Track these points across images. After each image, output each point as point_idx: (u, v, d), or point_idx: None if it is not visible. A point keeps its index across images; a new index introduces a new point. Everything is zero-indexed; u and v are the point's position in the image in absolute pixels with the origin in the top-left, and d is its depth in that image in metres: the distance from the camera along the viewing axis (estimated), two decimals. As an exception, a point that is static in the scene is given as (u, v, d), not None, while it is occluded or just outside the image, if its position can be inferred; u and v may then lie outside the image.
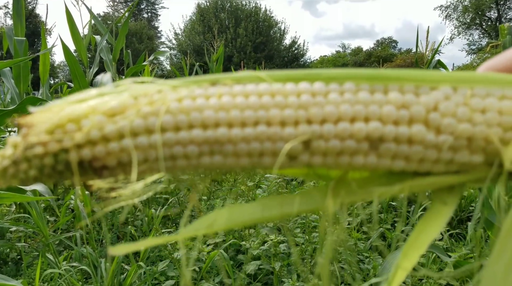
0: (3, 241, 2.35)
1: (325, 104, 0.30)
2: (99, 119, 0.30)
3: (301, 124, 0.30)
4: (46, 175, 0.30)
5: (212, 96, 0.31)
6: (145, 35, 31.08)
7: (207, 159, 0.31)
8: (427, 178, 0.32)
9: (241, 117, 0.30)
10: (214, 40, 6.78)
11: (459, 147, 0.30)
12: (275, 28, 30.50)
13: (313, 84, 0.31)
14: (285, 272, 1.89)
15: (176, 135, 0.30)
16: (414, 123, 0.30)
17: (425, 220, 0.33)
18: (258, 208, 0.34)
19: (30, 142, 0.29)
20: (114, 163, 0.30)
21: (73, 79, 2.94)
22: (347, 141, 0.30)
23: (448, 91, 0.31)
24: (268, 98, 0.31)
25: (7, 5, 26.84)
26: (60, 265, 1.87)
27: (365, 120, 0.30)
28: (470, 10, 31.38)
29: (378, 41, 38.81)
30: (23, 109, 1.88)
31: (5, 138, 4.02)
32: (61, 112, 0.30)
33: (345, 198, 0.32)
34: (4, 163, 0.30)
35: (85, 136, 0.29)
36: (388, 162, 0.31)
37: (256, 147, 0.30)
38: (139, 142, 0.29)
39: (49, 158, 0.29)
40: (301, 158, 0.31)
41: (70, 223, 2.68)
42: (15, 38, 2.87)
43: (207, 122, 0.30)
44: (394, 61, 20.77)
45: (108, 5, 28.67)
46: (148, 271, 1.84)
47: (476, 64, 21.09)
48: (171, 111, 0.30)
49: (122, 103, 0.30)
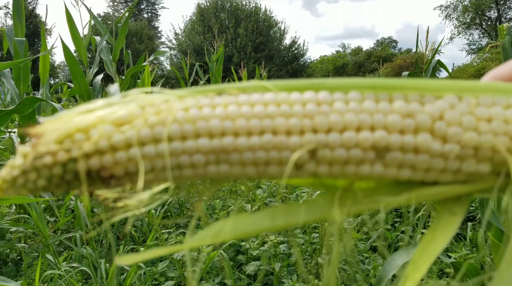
0: (3, 241, 2.35)
1: (330, 113, 0.30)
2: (107, 129, 0.30)
3: (307, 133, 0.30)
4: (55, 185, 0.30)
5: (218, 105, 0.31)
6: (145, 35, 31.08)
7: (213, 168, 0.31)
8: (434, 188, 0.32)
9: (247, 126, 0.30)
10: (214, 40, 6.78)
11: (465, 156, 0.30)
12: (275, 28, 30.49)
13: (318, 93, 0.32)
14: (285, 273, 1.89)
15: (182, 145, 0.30)
16: (419, 132, 0.30)
17: (433, 230, 0.33)
18: (264, 217, 0.34)
19: (39, 152, 0.30)
20: (121, 172, 0.30)
21: (73, 80, 2.94)
22: (353, 150, 0.30)
23: (453, 100, 0.30)
24: (273, 108, 0.31)
25: (7, 5, 26.85)
26: (60, 265, 1.87)
27: (371, 129, 0.30)
28: (470, 10, 31.37)
29: (378, 41, 38.80)
30: (23, 109, 1.88)
31: (5, 139, 4.02)
32: (70, 122, 0.30)
33: (351, 207, 0.32)
34: (14, 173, 0.30)
35: (94, 146, 0.29)
36: (394, 171, 0.31)
37: (262, 156, 0.30)
38: (146, 151, 0.30)
39: (57, 168, 0.30)
40: (307, 167, 0.31)
41: (70, 223, 2.68)
42: (15, 39, 2.87)
43: (213, 131, 0.30)
44: (394, 61, 20.76)
45: (108, 5, 28.66)
46: (148, 272, 1.84)
47: (476, 63, 21.10)
48: (178, 120, 0.30)
49: (130, 113, 0.31)
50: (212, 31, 23.46)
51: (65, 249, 2.38)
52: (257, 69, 7.17)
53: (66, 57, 2.83)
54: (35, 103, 1.93)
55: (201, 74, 6.72)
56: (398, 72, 15.22)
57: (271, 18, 30.18)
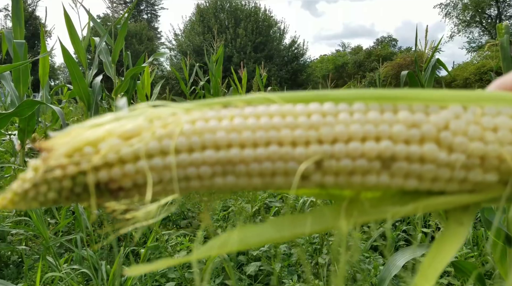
0: (4, 244, 2.35)
1: (336, 124, 0.31)
2: (116, 142, 0.31)
3: (312, 144, 0.30)
4: (64, 197, 0.31)
5: (224, 118, 0.32)
6: (145, 36, 31.10)
7: (220, 179, 0.31)
8: (441, 197, 0.32)
9: (253, 138, 0.31)
10: (214, 41, 6.78)
11: (472, 165, 0.30)
12: (274, 28, 30.49)
13: (323, 104, 0.32)
14: (285, 273, 1.89)
15: (189, 157, 0.31)
16: (425, 142, 0.30)
17: (442, 240, 0.33)
18: (269, 229, 0.34)
19: (49, 165, 0.30)
20: (129, 184, 0.31)
21: (72, 81, 2.94)
22: (359, 160, 0.30)
23: (458, 110, 0.31)
24: (279, 119, 0.31)
25: (7, 7, 26.88)
26: (60, 267, 1.87)
27: (376, 140, 0.30)
28: (470, 8, 31.34)
29: (378, 39, 38.75)
30: (22, 112, 1.88)
31: (5, 141, 4.03)
32: (79, 136, 0.31)
33: (358, 218, 0.33)
34: (25, 186, 0.31)
35: (102, 159, 0.30)
36: (400, 181, 0.31)
37: (268, 167, 0.31)
38: (154, 164, 0.30)
39: (67, 181, 0.30)
40: (313, 178, 0.31)
41: (70, 225, 2.68)
42: (14, 41, 2.87)
43: (219, 143, 0.31)
44: (394, 60, 20.74)
45: (108, 6, 28.68)
46: (148, 273, 1.84)
47: (477, 61, 21.07)
48: (185, 133, 0.31)
49: (137, 126, 0.31)
50: (212, 32, 23.47)
51: (66, 251, 2.39)
52: (257, 69, 7.16)
53: (65, 59, 2.84)
54: (34, 106, 1.93)
55: (201, 75, 6.73)
56: (398, 71, 15.18)
57: (270, 18, 30.18)
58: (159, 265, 0.33)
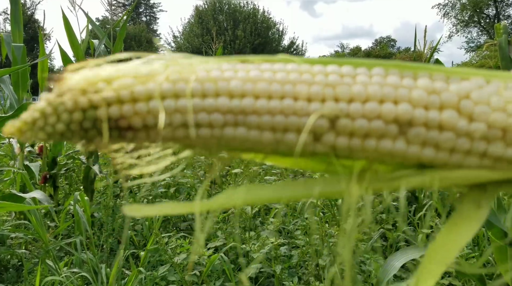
0: (3, 247, 2.35)
1: (353, 85, 0.30)
2: (130, 81, 0.31)
3: (328, 101, 0.29)
4: (72, 131, 0.31)
5: (240, 70, 0.32)
6: (144, 39, 31.13)
7: (231, 130, 0.31)
8: (459, 171, 0.30)
9: (267, 90, 0.30)
10: (213, 43, 6.79)
11: (493, 137, 0.28)
12: (273, 29, 30.52)
13: (341, 67, 0.31)
14: (286, 275, 1.88)
15: (202, 102, 0.30)
16: (445, 109, 0.29)
17: (454, 223, 0.31)
18: (278, 187, 0.33)
19: (61, 96, 0.30)
20: (139, 124, 0.31)
21: (71, 85, 2.93)
22: (375, 121, 0.29)
23: (481, 82, 0.29)
24: (296, 75, 0.31)
25: (6, 11, 26.91)
26: (60, 271, 1.87)
27: (394, 103, 0.29)
28: (468, 8, 31.39)
29: (377, 40, 38.83)
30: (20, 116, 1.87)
31: (4, 145, 4.02)
32: (94, 73, 0.31)
33: (370, 184, 0.31)
34: (35, 115, 0.30)
35: (115, 94, 0.30)
36: (417, 149, 0.29)
37: (280, 121, 0.30)
38: (166, 105, 0.30)
39: (78, 113, 0.30)
40: (326, 138, 0.30)
41: (70, 228, 2.67)
42: (13, 45, 2.87)
43: (233, 92, 0.30)
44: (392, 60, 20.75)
45: (107, 9, 28.76)
46: (148, 276, 1.84)
47: (475, 61, 21.09)
48: (200, 79, 0.31)
49: (153, 70, 0.31)
50: (211, 33, 23.46)
51: (66, 254, 2.38)
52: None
53: (64, 62, 2.84)
54: (33, 109, 1.92)
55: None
56: (397, 71, 15.13)
57: (269, 19, 30.21)
58: (161, 209, 0.33)
